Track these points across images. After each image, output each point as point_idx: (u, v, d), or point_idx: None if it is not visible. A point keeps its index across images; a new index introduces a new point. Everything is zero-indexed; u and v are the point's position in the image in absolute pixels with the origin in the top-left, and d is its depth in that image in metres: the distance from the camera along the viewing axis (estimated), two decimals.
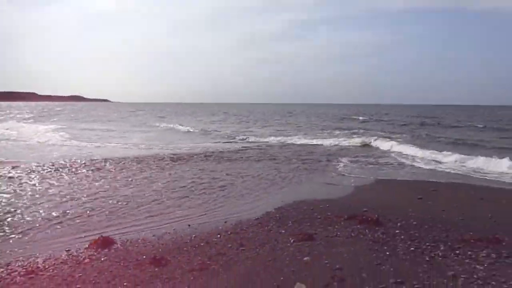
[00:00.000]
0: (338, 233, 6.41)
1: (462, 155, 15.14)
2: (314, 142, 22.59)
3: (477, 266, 5.00)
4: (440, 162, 14.79)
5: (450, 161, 14.72)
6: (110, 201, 8.51)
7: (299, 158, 15.88)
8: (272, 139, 24.30)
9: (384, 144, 20.16)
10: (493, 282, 4.52)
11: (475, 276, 4.69)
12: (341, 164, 14.32)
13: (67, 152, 17.12)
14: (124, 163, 13.58)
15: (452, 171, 12.99)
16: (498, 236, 6.04)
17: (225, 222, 7.18)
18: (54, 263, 5.26)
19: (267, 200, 8.95)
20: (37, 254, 5.60)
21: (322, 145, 21.46)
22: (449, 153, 15.85)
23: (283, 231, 6.59)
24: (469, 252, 5.48)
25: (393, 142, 20.43)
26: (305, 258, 5.32)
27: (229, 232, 6.54)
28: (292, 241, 6.04)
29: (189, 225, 7.01)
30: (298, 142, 22.65)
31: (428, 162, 15.01)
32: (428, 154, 16.27)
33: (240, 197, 9.17)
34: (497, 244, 5.79)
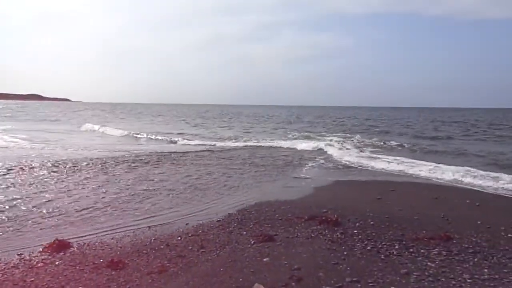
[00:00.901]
0: (298, 234, 6.51)
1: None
2: (268, 144, 22.30)
3: (429, 263, 5.23)
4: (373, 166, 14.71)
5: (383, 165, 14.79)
6: (66, 204, 8.24)
7: (256, 160, 15.75)
8: (225, 143, 23.41)
9: (332, 148, 20.25)
10: (442, 279, 4.74)
11: (426, 273, 4.90)
12: (300, 166, 14.46)
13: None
14: (69, 166, 13.19)
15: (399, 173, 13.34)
16: (449, 234, 6.34)
17: (186, 224, 7.12)
18: (4, 268, 5.05)
19: (229, 202, 8.93)
20: None
21: (275, 147, 21.25)
22: (383, 156, 16.43)
23: (244, 232, 6.61)
24: (422, 250, 5.73)
25: (344, 147, 21.07)
26: (264, 259, 5.38)
27: (190, 234, 6.50)
28: (252, 242, 6.08)
29: (149, 227, 6.91)
30: (254, 144, 22.33)
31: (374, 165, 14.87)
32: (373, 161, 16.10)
33: (202, 200, 9.10)
34: (448, 241, 6.08)
